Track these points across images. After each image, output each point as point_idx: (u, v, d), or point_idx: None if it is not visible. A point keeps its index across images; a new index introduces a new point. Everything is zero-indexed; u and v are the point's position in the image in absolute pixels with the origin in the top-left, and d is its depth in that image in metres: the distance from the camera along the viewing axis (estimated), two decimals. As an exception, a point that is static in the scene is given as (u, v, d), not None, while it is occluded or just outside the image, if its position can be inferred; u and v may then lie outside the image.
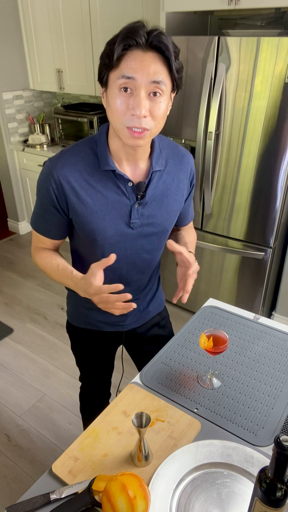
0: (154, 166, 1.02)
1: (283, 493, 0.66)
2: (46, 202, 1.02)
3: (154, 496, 0.82)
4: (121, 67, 0.84)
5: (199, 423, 0.98)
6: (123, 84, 0.84)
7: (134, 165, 1.01)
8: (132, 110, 0.86)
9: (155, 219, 1.05)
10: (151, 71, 0.84)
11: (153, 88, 0.85)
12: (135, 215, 1.02)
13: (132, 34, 0.82)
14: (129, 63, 0.83)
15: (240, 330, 1.28)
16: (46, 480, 0.88)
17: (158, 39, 0.83)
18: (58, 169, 0.97)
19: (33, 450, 1.90)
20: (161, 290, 1.33)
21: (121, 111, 0.87)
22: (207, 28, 2.64)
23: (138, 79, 0.83)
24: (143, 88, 0.84)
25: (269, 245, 2.23)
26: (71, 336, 1.37)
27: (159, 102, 0.87)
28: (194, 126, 2.23)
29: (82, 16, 2.83)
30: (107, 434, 0.96)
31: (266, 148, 2.03)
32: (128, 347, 1.39)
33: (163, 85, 0.86)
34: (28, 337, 2.61)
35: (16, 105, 3.46)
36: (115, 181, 0.99)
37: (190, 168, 1.12)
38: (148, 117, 0.87)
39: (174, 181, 1.07)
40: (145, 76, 0.83)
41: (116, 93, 0.86)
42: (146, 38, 0.82)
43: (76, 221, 1.03)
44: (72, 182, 0.98)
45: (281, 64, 1.84)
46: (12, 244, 3.76)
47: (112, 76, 0.86)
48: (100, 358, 1.37)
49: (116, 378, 1.60)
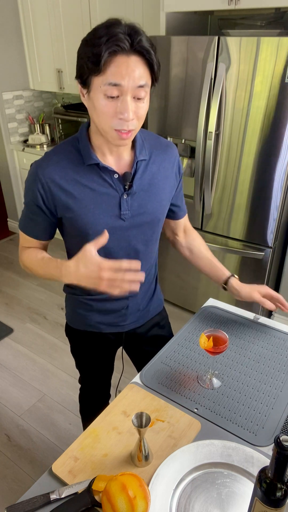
0: (138, 156, 1.03)
1: (283, 493, 0.66)
2: (32, 203, 1.03)
3: (154, 496, 0.82)
4: (107, 73, 0.84)
5: (199, 423, 0.98)
6: (109, 90, 0.85)
7: (117, 157, 1.03)
8: (120, 114, 0.87)
9: (146, 208, 1.07)
10: (136, 76, 0.85)
11: (138, 92, 0.87)
12: (124, 206, 1.03)
13: (116, 39, 0.82)
14: (114, 69, 0.83)
15: (240, 330, 1.28)
16: (46, 480, 0.88)
17: (140, 43, 0.84)
18: (43, 169, 0.99)
19: (33, 450, 1.90)
20: (159, 290, 1.33)
21: (108, 115, 0.88)
22: (207, 28, 2.64)
23: (125, 85, 0.85)
24: (129, 93, 0.86)
25: (269, 245, 2.23)
26: (70, 339, 1.37)
27: (142, 103, 0.90)
28: (194, 126, 2.23)
29: (82, 16, 2.83)
30: (107, 434, 0.96)
31: (266, 148, 2.03)
32: (127, 348, 1.39)
33: (146, 87, 0.89)
34: (28, 337, 2.61)
35: (16, 105, 3.46)
36: (100, 174, 1.00)
37: (175, 158, 1.13)
38: (134, 119, 0.90)
39: (160, 170, 1.08)
40: (131, 82, 0.85)
41: (102, 98, 0.87)
42: (130, 42, 0.83)
43: (67, 218, 1.03)
44: (58, 180, 0.99)
45: (281, 64, 1.84)
46: (12, 244, 3.76)
47: (97, 81, 0.86)
48: (100, 360, 1.37)
49: (116, 378, 1.60)
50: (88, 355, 1.36)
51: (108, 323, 1.24)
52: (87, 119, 3.10)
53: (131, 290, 0.91)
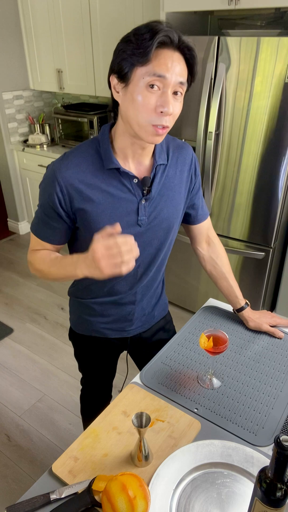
0: (157, 160, 1.01)
1: (283, 493, 0.66)
2: (48, 206, 1.00)
3: (154, 496, 0.82)
4: (153, 64, 0.83)
5: (199, 423, 0.98)
6: (153, 81, 0.84)
7: (138, 161, 1.01)
8: (161, 107, 0.86)
9: (161, 213, 1.05)
10: (178, 72, 0.85)
11: (177, 87, 0.87)
12: (142, 212, 1.02)
13: (165, 32, 0.82)
14: (161, 61, 0.83)
15: (240, 330, 1.28)
16: (46, 480, 0.88)
17: (187, 41, 0.85)
18: (62, 172, 0.96)
19: (33, 450, 1.90)
20: (164, 294, 1.32)
21: (149, 108, 0.87)
22: (207, 28, 2.64)
23: (169, 78, 0.84)
24: (171, 87, 0.86)
25: (269, 245, 2.23)
26: (74, 344, 1.36)
27: (179, 102, 0.90)
28: (194, 126, 2.23)
29: (82, 16, 2.84)
30: (107, 434, 0.96)
31: (266, 148, 2.03)
32: (132, 352, 1.38)
33: (184, 86, 0.89)
34: (28, 337, 2.61)
35: (16, 105, 3.46)
36: (120, 179, 0.99)
37: (191, 159, 1.11)
38: (171, 115, 0.89)
39: (176, 174, 1.07)
40: (174, 76, 0.85)
41: (143, 90, 0.86)
42: (178, 38, 0.84)
43: (84, 222, 1.01)
44: (77, 184, 0.97)
45: (281, 64, 1.84)
46: (12, 244, 3.76)
47: (140, 72, 0.85)
48: (104, 364, 1.36)
49: (118, 379, 1.59)
50: (92, 360, 1.35)
51: (114, 329, 1.23)
52: (87, 119, 3.10)
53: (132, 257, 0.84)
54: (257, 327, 1.26)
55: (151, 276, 1.16)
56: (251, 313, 1.27)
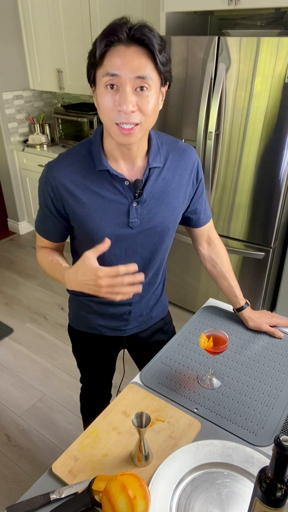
0: (151, 163, 1.00)
1: (283, 493, 0.66)
2: (44, 205, 1.04)
3: (154, 496, 0.82)
4: (105, 64, 0.84)
5: (199, 423, 0.98)
6: (108, 81, 0.84)
7: (131, 163, 1.00)
8: (119, 106, 0.85)
9: (156, 217, 1.04)
10: (134, 66, 0.83)
11: (139, 83, 0.84)
12: (133, 214, 1.01)
13: (114, 30, 0.82)
14: (112, 59, 0.83)
15: (240, 330, 1.28)
16: (46, 480, 0.88)
17: (140, 32, 0.82)
18: (54, 172, 0.98)
19: (33, 450, 1.90)
20: (164, 295, 1.31)
21: (109, 108, 0.87)
22: (207, 28, 2.64)
23: (122, 75, 0.83)
24: (128, 84, 0.84)
25: (269, 245, 2.23)
26: (72, 339, 1.37)
27: (146, 97, 0.86)
28: (194, 126, 2.23)
29: (82, 16, 2.83)
30: (107, 434, 0.96)
31: (266, 148, 2.03)
32: (131, 350, 1.39)
33: (149, 80, 0.85)
34: (28, 337, 2.61)
35: (16, 105, 3.46)
36: (110, 181, 0.99)
37: (193, 162, 1.08)
38: (137, 112, 0.87)
39: (175, 177, 1.05)
40: (128, 72, 0.83)
41: (103, 91, 0.86)
42: (127, 33, 0.82)
43: (74, 222, 1.03)
44: (68, 184, 0.98)
45: (281, 64, 1.84)
46: (12, 244, 3.76)
47: (98, 74, 0.86)
48: (102, 361, 1.37)
49: (117, 378, 1.60)
50: (90, 356, 1.36)
51: (110, 327, 1.23)
52: (87, 119, 3.11)
53: (134, 292, 0.89)
54: (257, 327, 1.26)
55: (149, 280, 1.17)
56: (251, 313, 1.27)
